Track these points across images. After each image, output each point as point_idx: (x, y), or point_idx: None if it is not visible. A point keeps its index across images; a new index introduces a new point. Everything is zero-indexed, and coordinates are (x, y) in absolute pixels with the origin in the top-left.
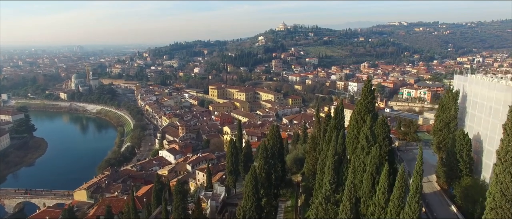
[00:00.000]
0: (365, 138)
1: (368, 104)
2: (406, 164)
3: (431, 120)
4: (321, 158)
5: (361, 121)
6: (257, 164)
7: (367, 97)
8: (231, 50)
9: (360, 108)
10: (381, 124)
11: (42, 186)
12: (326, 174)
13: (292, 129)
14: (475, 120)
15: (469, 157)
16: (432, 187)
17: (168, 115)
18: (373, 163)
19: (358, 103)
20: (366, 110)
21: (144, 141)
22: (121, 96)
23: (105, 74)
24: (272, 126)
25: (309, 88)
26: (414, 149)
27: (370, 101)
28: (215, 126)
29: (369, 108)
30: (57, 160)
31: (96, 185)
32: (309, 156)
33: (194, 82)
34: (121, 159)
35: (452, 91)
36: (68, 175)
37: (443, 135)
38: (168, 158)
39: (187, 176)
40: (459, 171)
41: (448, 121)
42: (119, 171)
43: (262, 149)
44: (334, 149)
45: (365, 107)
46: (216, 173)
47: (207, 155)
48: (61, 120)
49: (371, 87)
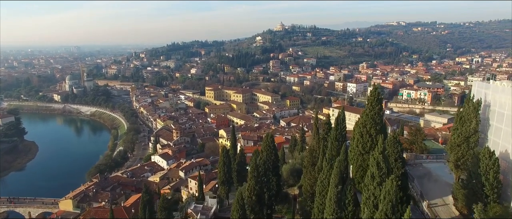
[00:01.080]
0: (376, 165)
1: (375, 116)
2: (417, 182)
3: (432, 122)
4: (320, 179)
5: (367, 135)
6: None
7: (374, 107)
8: (229, 51)
9: (365, 120)
10: (393, 142)
11: (30, 192)
12: (327, 207)
13: (290, 132)
14: (502, 135)
15: (497, 180)
16: (449, 211)
17: (162, 118)
18: (388, 201)
19: (363, 114)
20: (372, 123)
21: (137, 145)
22: (116, 98)
23: (101, 75)
24: (266, 136)
25: (307, 90)
26: (424, 163)
27: (377, 113)
28: (210, 128)
29: (377, 120)
30: (47, 165)
31: (83, 193)
32: (307, 171)
33: (190, 83)
34: (112, 165)
35: (473, 101)
36: (57, 181)
37: (462, 151)
38: (160, 163)
39: (180, 183)
40: (484, 196)
41: (468, 135)
42: (109, 178)
43: (252, 166)
44: (337, 177)
45: (371, 119)
46: (209, 181)
47: (201, 160)
48: (54, 122)
49: (378, 96)
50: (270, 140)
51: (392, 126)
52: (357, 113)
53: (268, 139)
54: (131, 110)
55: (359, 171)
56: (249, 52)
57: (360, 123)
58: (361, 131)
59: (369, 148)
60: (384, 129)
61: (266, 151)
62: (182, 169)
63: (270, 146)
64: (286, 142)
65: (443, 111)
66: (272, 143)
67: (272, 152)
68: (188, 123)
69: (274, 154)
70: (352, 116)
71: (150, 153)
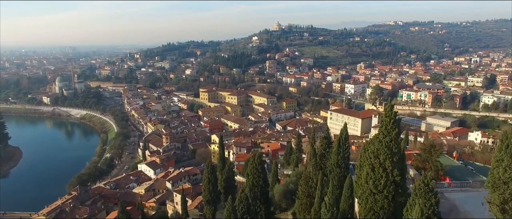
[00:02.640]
0: None
1: (392, 143)
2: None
3: (435, 126)
4: None
5: (380, 169)
6: None
7: (390, 132)
8: (225, 51)
9: (378, 149)
10: (424, 192)
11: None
12: None
13: (286, 137)
14: None
15: None
16: None
17: (153, 121)
18: None
19: (375, 140)
20: (388, 153)
21: (127, 150)
22: (107, 100)
23: (94, 76)
24: (254, 156)
25: (304, 91)
26: (446, 193)
27: (394, 140)
28: (203, 133)
29: (393, 149)
30: (30, 172)
31: (59, 209)
32: (300, 203)
33: (184, 84)
34: (96, 174)
35: None
36: (38, 191)
37: (511, 190)
38: (147, 172)
39: (166, 195)
40: None
41: None
42: (89, 190)
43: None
44: None
45: (386, 148)
46: (196, 196)
47: (191, 169)
48: (42, 126)
49: (395, 116)
50: (258, 161)
51: None
52: (356, 116)
53: (256, 160)
54: (121, 113)
55: (369, 214)
56: (245, 53)
57: (371, 151)
58: (373, 163)
59: (383, 187)
60: (403, 160)
61: (253, 175)
62: (169, 180)
63: (257, 169)
64: (281, 149)
65: (445, 114)
66: (260, 164)
67: (260, 176)
68: (180, 127)
69: (262, 178)
70: (351, 120)
71: (137, 161)
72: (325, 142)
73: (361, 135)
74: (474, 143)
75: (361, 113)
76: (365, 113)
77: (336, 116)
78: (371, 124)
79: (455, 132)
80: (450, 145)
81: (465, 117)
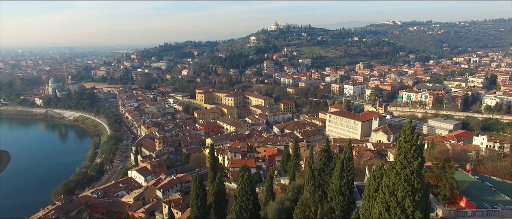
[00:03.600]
0: None
1: (413, 177)
2: None
3: (437, 128)
4: None
5: (396, 209)
6: None
7: (411, 162)
8: (222, 51)
9: (395, 183)
10: None
11: None
12: None
13: (283, 141)
14: None
15: None
16: None
17: (147, 124)
18: None
19: (390, 171)
20: (408, 189)
21: (120, 154)
22: (102, 101)
23: (89, 77)
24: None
25: (302, 92)
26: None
27: (417, 172)
28: (198, 136)
29: (415, 184)
30: (18, 178)
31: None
32: None
33: (180, 86)
34: (84, 181)
35: None
36: (23, 198)
37: None
38: (138, 179)
39: (156, 205)
40: None
41: None
42: (75, 200)
43: None
44: None
45: (406, 183)
46: (187, 208)
47: (183, 176)
48: (34, 129)
49: (416, 141)
50: (247, 182)
51: (394, 134)
52: (356, 119)
53: (245, 181)
54: (115, 115)
55: None
56: (242, 53)
57: (385, 185)
58: (387, 201)
59: None
60: (427, 197)
61: (241, 198)
62: (160, 188)
63: (246, 191)
64: (278, 154)
65: (447, 116)
66: (249, 185)
67: (250, 199)
68: (174, 130)
69: (252, 201)
70: (351, 123)
71: (128, 166)
72: (324, 156)
73: (361, 138)
74: (480, 148)
75: (361, 115)
76: (365, 115)
77: (335, 119)
78: (371, 126)
79: (459, 136)
80: (455, 150)
81: (468, 119)
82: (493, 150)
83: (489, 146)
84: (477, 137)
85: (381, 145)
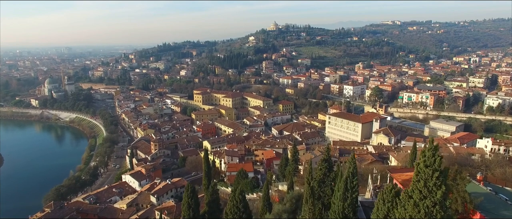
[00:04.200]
0: None
1: (435, 210)
2: None
3: (439, 130)
4: None
5: None
6: None
7: (433, 192)
8: (221, 51)
9: (413, 216)
10: None
11: None
12: None
13: (282, 144)
14: None
15: None
16: None
17: (143, 126)
18: None
19: (405, 200)
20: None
21: (114, 157)
22: (99, 102)
23: (86, 78)
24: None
25: (302, 93)
26: None
27: (441, 204)
28: (195, 138)
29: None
30: (9, 182)
31: None
32: None
33: (178, 86)
34: (77, 186)
35: None
36: (13, 203)
37: None
38: (132, 184)
39: (150, 211)
40: None
41: None
42: (65, 206)
43: None
44: None
45: (426, 215)
46: (180, 216)
47: (178, 181)
48: (30, 130)
49: (439, 165)
50: (239, 198)
51: (396, 136)
52: (356, 121)
53: (237, 197)
54: (111, 116)
55: None
56: (241, 53)
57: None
58: None
59: None
60: None
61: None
62: (154, 193)
63: (238, 208)
64: (276, 157)
65: (448, 117)
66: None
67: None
68: (171, 132)
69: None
70: (351, 124)
71: (123, 170)
72: (325, 166)
73: (362, 140)
74: (484, 151)
75: (362, 117)
76: (366, 117)
77: (335, 120)
78: (372, 128)
79: (462, 138)
80: (459, 154)
81: (470, 120)
82: (498, 153)
83: (494, 149)
84: (481, 140)
85: (382, 147)
